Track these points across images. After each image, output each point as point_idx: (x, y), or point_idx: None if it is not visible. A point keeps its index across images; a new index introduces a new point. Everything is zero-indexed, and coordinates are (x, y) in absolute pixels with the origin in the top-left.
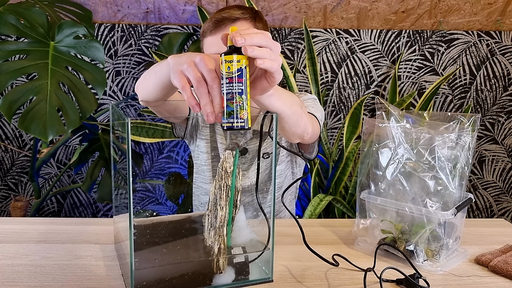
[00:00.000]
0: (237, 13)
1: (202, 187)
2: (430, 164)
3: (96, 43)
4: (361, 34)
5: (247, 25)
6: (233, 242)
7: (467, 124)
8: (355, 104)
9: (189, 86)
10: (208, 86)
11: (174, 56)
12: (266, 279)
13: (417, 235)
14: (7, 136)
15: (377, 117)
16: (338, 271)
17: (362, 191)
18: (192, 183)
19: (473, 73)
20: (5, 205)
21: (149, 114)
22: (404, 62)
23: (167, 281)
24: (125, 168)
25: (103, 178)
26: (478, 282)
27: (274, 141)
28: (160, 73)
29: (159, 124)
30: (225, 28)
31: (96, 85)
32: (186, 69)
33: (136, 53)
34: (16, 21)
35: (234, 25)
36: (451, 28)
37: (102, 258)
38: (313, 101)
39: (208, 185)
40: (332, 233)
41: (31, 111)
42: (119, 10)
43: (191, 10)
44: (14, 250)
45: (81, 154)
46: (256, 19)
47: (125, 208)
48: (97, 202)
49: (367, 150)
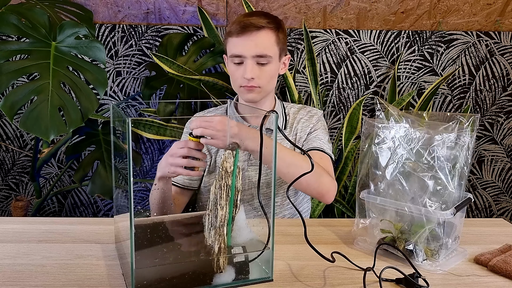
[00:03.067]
0: (263, 22)
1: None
2: (429, 164)
3: (97, 43)
4: (360, 34)
5: (271, 34)
6: (233, 241)
7: (466, 124)
8: (354, 105)
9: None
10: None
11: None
12: (266, 278)
13: (417, 235)
14: (8, 136)
15: (376, 117)
16: (338, 270)
17: (361, 190)
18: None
19: (472, 74)
20: (6, 205)
21: (149, 114)
22: (404, 63)
23: (168, 280)
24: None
25: (97, 171)
26: (477, 281)
27: (274, 141)
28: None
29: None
30: (250, 34)
31: (97, 85)
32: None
33: (137, 54)
34: (17, 21)
35: (259, 32)
36: (450, 28)
37: (103, 258)
38: (322, 131)
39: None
40: (332, 233)
41: (33, 111)
42: (120, 11)
43: (191, 11)
44: (15, 249)
45: (75, 144)
46: (279, 30)
47: (126, 208)
48: (89, 194)
49: (366, 150)
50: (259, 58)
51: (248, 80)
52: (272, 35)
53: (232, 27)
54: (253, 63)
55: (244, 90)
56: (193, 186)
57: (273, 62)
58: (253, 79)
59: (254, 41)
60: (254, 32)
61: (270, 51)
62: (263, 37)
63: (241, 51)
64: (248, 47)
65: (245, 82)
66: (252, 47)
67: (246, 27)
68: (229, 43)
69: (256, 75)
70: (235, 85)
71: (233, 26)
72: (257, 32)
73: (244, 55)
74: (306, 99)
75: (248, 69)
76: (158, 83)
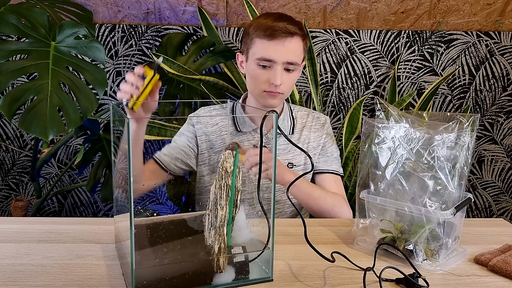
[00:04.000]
0: (295, 28)
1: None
2: (429, 164)
3: (97, 43)
4: (360, 34)
5: (300, 41)
6: (233, 241)
7: (466, 124)
8: (354, 105)
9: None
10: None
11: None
12: (266, 278)
13: (417, 235)
14: (8, 136)
15: (376, 117)
16: (338, 270)
17: (361, 190)
18: (195, 184)
19: (472, 74)
20: (6, 205)
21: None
22: (404, 63)
23: (168, 280)
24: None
25: (107, 178)
26: (477, 281)
27: (274, 141)
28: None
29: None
30: (283, 40)
31: (97, 85)
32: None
33: (137, 54)
34: (17, 21)
35: (292, 39)
36: (450, 28)
37: (103, 258)
38: (334, 144)
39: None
40: (332, 233)
41: (32, 110)
42: (120, 11)
43: (191, 11)
44: (15, 249)
45: (85, 155)
46: (306, 37)
47: (126, 208)
48: (102, 202)
49: (366, 150)
50: (288, 65)
51: (276, 86)
52: (301, 43)
53: (261, 27)
54: (282, 69)
55: (268, 96)
56: (171, 170)
57: (298, 70)
58: (279, 86)
59: (286, 47)
60: (287, 38)
61: (299, 58)
62: (295, 44)
63: (272, 55)
64: (280, 53)
65: (271, 88)
66: (284, 53)
67: (279, 32)
68: (256, 44)
69: (283, 82)
70: (257, 89)
71: (262, 28)
72: (290, 38)
73: (275, 60)
74: (306, 99)
75: (278, 75)
76: None
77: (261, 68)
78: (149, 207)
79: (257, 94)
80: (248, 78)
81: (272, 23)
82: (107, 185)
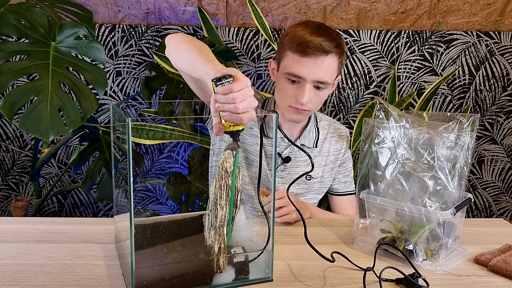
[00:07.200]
0: (331, 46)
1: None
2: (429, 164)
3: (97, 43)
4: (360, 34)
5: (335, 59)
6: (233, 241)
7: (466, 124)
8: (366, 107)
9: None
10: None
11: (218, 72)
12: (266, 279)
13: (417, 235)
14: (8, 136)
15: (376, 117)
16: (338, 270)
17: (361, 191)
18: (208, 165)
19: (472, 74)
20: (6, 205)
21: (149, 114)
22: (404, 63)
23: (168, 281)
24: (125, 168)
25: (103, 178)
26: (477, 281)
27: (274, 141)
28: (198, 71)
29: (159, 126)
30: (316, 58)
31: (97, 86)
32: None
33: (137, 54)
34: (17, 22)
35: (326, 58)
36: (450, 28)
37: (102, 258)
38: (351, 162)
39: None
40: (332, 233)
41: (32, 111)
42: (120, 11)
43: (192, 11)
44: (15, 249)
45: (81, 154)
46: (342, 54)
47: (126, 208)
48: (97, 201)
49: (366, 150)
50: (318, 83)
51: (302, 104)
52: (336, 61)
53: (295, 41)
54: (311, 87)
55: (293, 111)
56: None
57: (328, 88)
58: (306, 103)
59: (318, 65)
60: (321, 56)
61: (331, 78)
62: (328, 63)
63: (302, 73)
64: (311, 71)
65: (297, 105)
66: (315, 71)
67: (314, 49)
68: (288, 57)
69: (310, 99)
70: (283, 102)
71: (296, 41)
72: (324, 57)
73: (305, 78)
74: None
75: (306, 93)
76: (158, 83)
77: (290, 82)
78: (149, 207)
79: (283, 107)
80: (276, 89)
81: (308, 38)
82: (103, 184)
